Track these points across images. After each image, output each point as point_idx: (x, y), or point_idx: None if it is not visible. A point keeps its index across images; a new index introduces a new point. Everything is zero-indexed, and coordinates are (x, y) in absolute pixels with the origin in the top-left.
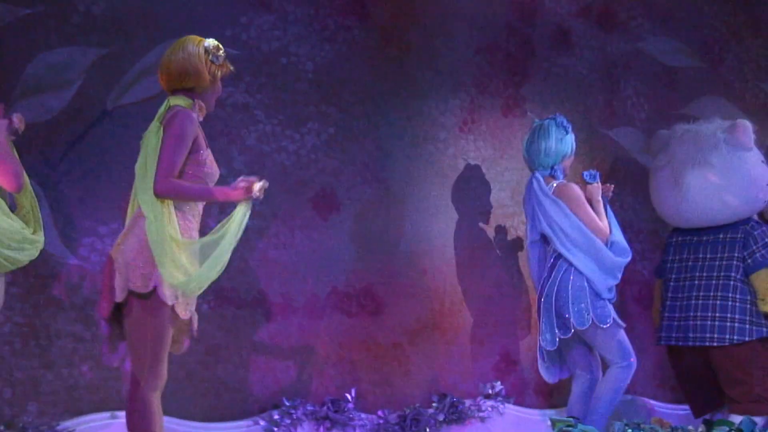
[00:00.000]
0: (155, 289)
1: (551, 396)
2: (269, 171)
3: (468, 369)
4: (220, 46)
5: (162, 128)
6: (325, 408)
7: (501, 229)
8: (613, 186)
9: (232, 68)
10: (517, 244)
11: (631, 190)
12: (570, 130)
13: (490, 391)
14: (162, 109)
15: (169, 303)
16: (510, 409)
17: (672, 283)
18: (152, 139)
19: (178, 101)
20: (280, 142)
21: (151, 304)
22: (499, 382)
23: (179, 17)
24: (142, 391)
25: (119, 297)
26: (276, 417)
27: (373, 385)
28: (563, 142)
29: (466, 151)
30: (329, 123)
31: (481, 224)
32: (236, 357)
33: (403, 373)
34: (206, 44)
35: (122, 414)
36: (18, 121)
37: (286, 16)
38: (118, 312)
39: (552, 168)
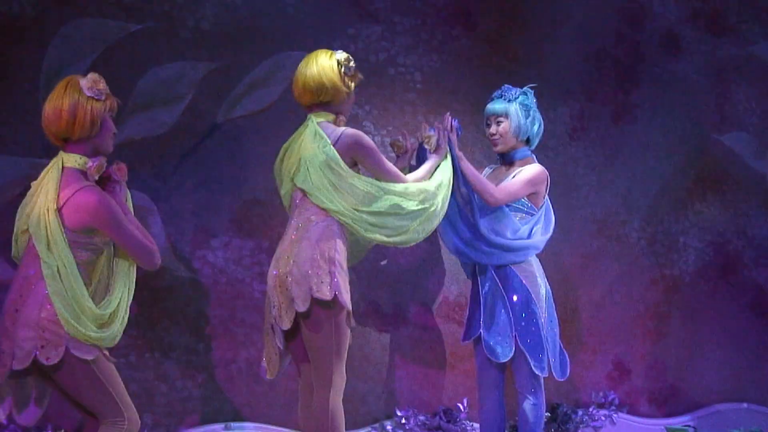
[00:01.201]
0: (336, 295)
1: (665, 404)
2: None
3: (580, 378)
4: (350, 57)
5: (337, 148)
6: (437, 418)
7: (612, 237)
8: None
9: (362, 77)
10: (629, 251)
11: (744, 195)
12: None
13: (603, 401)
14: (313, 127)
15: (349, 308)
16: (623, 418)
17: None
18: (319, 156)
19: (321, 118)
20: (390, 152)
21: (335, 310)
22: (612, 391)
23: (287, 30)
24: (330, 397)
25: (302, 307)
26: (389, 427)
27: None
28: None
29: (576, 159)
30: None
31: (592, 232)
32: (348, 368)
33: (514, 382)
34: (338, 56)
35: (236, 425)
36: (119, 172)
37: (394, 27)
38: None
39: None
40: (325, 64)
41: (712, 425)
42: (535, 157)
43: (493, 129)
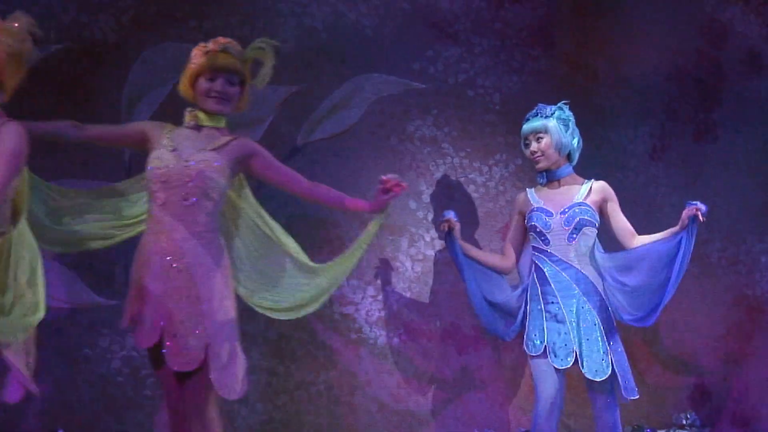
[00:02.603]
0: None
1: (747, 426)
2: (457, 203)
3: (662, 399)
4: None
5: None
6: None
7: (694, 257)
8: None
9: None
10: (711, 271)
11: None
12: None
13: (684, 422)
14: None
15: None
16: None
17: None
18: None
19: None
20: (468, 174)
21: None
22: (693, 413)
23: (367, 53)
24: None
25: None
26: None
27: (566, 416)
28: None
29: (657, 179)
30: (517, 154)
31: None
32: (427, 389)
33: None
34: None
35: None
36: None
37: (473, 48)
38: None
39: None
40: None
41: None
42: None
43: (534, 146)
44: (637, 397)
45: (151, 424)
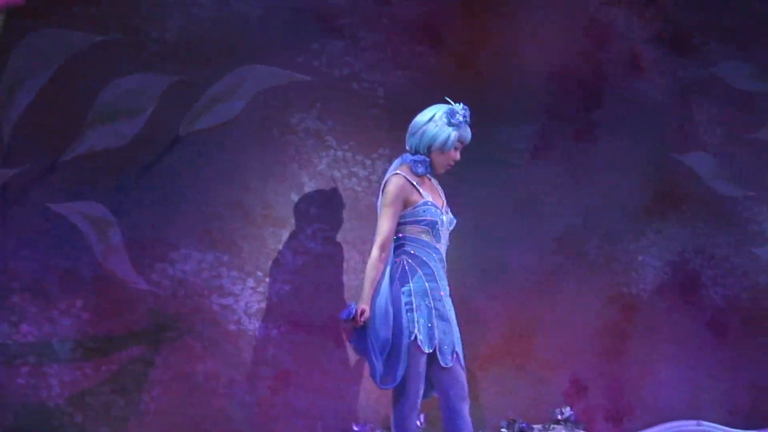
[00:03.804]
0: None
1: (621, 422)
2: (340, 197)
3: (538, 394)
4: None
5: None
6: None
7: (572, 254)
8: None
9: None
10: (589, 269)
11: (703, 215)
12: (456, 124)
13: (559, 417)
14: None
15: None
16: None
17: None
18: None
19: None
20: (351, 167)
21: None
22: (569, 408)
23: (251, 44)
24: None
25: None
26: None
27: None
28: (437, 128)
29: (538, 177)
30: (400, 149)
31: (552, 249)
32: (306, 382)
33: (472, 397)
34: None
35: None
36: None
37: (358, 42)
38: None
39: (414, 154)
40: None
41: None
42: None
43: (458, 156)
44: None
45: None
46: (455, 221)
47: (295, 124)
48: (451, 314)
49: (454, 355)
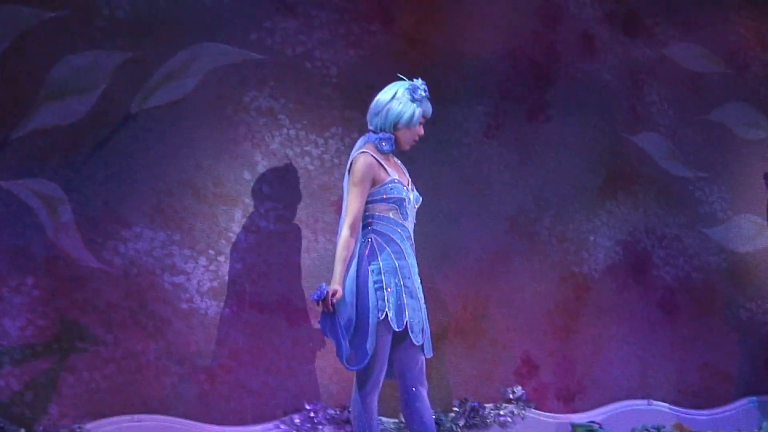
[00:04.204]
0: None
1: (572, 401)
2: (293, 175)
3: (489, 374)
4: None
5: None
6: (346, 412)
7: (524, 234)
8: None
9: None
10: (540, 249)
11: (654, 196)
12: (419, 99)
13: (511, 396)
14: None
15: None
16: (531, 413)
17: None
18: None
19: None
20: (304, 146)
21: None
22: (520, 387)
23: (204, 21)
24: None
25: None
26: (297, 421)
27: (394, 388)
28: (400, 105)
29: (490, 157)
30: (353, 127)
31: (504, 229)
32: (258, 361)
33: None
34: None
35: (144, 417)
36: None
37: (311, 21)
38: None
39: (378, 133)
40: None
41: (617, 422)
42: None
43: (422, 131)
44: None
45: None
46: (420, 199)
47: (248, 102)
48: (420, 293)
49: (423, 333)
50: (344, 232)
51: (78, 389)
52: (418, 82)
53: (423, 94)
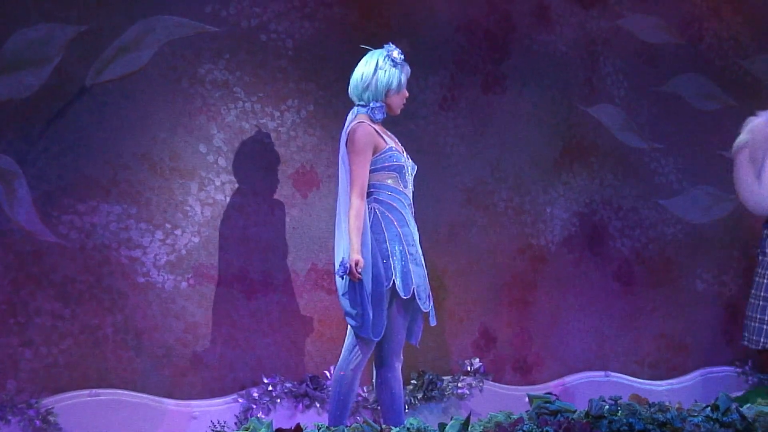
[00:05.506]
0: None
1: (530, 373)
2: (248, 148)
3: (447, 346)
4: None
5: None
6: (304, 385)
7: (481, 206)
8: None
9: None
10: (497, 221)
11: (610, 167)
12: (400, 63)
13: (468, 369)
14: None
15: None
16: (489, 385)
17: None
18: None
19: None
20: (260, 119)
21: None
22: (477, 359)
23: None
24: None
25: None
26: (255, 394)
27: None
28: (386, 73)
29: (446, 128)
30: (309, 100)
31: (461, 200)
32: (215, 334)
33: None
34: None
35: (102, 391)
36: None
37: None
38: None
39: (369, 104)
40: None
41: (575, 393)
42: None
43: (407, 93)
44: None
45: None
46: (416, 168)
47: (203, 75)
48: (423, 259)
49: (429, 300)
50: (355, 202)
51: (35, 364)
52: (391, 47)
53: (401, 57)
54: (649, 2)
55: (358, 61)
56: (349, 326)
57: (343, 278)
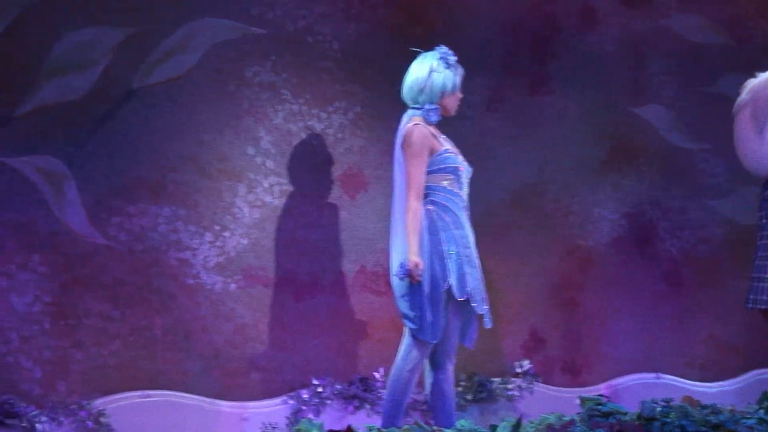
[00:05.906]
0: None
1: (579, 375)
2: (296, 150)
3: (496, 348)
4: None
5: None
6: (353, 387)
7: (528, 207)
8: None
9: None
10: (545, 222)
11: (658, 168)
12: (453, 65)
13: (518, 370)
14: None
15: None
16: (538, 387)
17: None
18: None
19: None
20: (307, 121)
21: None
22: (527, 361)
23: None
24: None
25: None
26: (305, 396)
27: None
28: (441, 75)
29: (493, 130)
30: (355, 102)
31: (508, 202)
32: (265, 336)
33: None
34: None
35: (152, 392)
36: None
37: None
38: None
39: (424, 106)
40: None
41: (626, 395)
42: None
43: (461, 94)
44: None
45: None
46: (471, 170)
47: (249, 77)
48: (478, 262)
49: (484, 302)
50: (413, 204)
51: (86, 365)
52: (443, 49)
53: (454, 58)
54: (696, 2)
55: (404, 63)
56: (405, 328)
57: (402, 280)
